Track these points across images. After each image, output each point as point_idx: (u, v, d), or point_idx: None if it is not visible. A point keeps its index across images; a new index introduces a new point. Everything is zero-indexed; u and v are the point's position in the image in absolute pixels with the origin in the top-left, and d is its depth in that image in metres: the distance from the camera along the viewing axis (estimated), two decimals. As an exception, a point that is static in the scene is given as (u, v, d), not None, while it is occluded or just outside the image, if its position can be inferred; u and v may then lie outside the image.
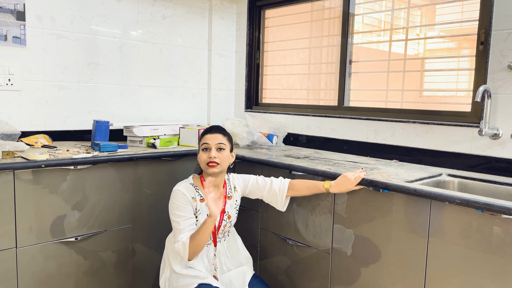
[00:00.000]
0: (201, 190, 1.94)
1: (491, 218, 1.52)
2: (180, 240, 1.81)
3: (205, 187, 1.77)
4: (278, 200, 2.05)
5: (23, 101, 2.47)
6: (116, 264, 2.31)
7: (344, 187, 1.87)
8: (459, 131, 2.18)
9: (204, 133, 1.98)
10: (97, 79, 2.74)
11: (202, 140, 1.95)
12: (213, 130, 1.97)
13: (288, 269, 2.24)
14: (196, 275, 1.87)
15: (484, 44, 2.09)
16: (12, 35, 2.38)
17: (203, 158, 1.92)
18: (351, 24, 2.73)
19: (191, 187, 1.93)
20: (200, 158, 1.94)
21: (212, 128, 1.98)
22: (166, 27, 3.04)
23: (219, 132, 1.96)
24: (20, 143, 2.05)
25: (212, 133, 1.95)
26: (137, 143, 2.60)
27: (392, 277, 1.80)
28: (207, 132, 1.96)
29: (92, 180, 2.16)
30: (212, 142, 1.92)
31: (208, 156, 1.90)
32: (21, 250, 1.97)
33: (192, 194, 1.91)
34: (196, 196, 1.92)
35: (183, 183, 1.94)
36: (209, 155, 1.91)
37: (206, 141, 1.93)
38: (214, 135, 1.94)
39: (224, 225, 1.99)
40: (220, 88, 3.37)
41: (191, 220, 1.87)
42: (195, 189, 1.93)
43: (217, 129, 1.98)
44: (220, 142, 1.93)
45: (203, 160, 1.92)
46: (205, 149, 1.93)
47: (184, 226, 1.84)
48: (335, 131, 2.75)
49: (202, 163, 1.93)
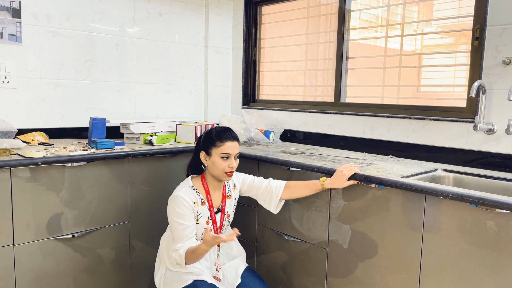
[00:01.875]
0: (202, 192, 1.93)
1: (485, 213, 1.53)
2: (177, 251, 1.81)
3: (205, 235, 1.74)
4: (273, 198, 2.04)
5: (20, 98, 2.47)
6: (114, 261, 2.31)
7: (339, 181, 1.88)
8: (454, 126, 2.19)
9: (221, 138, 1.88)
10: (93, 76, 2.74)
11: (222, 147, 1.86)
12: (232, 137, 1.90)
13: (285, 264, 2.25)
14: (191, 271, 1.88)
15: (479, 40, 2.10)
16: (8, 32, 2.38)
17: (222, 166, 1.86)
18: (347, 20, 2.73)
19: (192, 191, 1.90)
20: (217, 165, 1.87)
21: (229, 133, 1.90)
22: (163, 24, 3.04)
23: (237, 139, 1.92)
24: (16, 141, 2.05)
25: (232, 141, 1.88)
26: (134, 140, 2.60)
27: (388, 272, 1.81)
28: (226, 139, 1.87)
29: (89, 177, 2.17)
30: (233, 151, 1.88)
31: (229, 166, 1.87)
32: (18, 247, 1.98)
33: (194, 198, 1.89)
34: (197, 200, 1.90)
35: (184, 188, 1.90)
36: (229, 164, 1.87)
37: (227, 150, 1.86)
38: (234, 144, 1.89)
39: (224, 225, 2.01)
40: (217, 85, 3.37)
41: (191, 228, 1.86)
42: (196, 192, 1.90)
43: (235, 136, 1.91)
44: (239, 151, 1.92)
45: (221, 168, 1.87)
46: (225, 158, 1.87)
47: (184, 234, 1.83)
48: (331, 127, 2.76)
49: (219, 170, 1.87)
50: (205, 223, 1.92)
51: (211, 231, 1.72)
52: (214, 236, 1.71)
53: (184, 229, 1.83)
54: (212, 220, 1.94)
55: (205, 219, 1.92)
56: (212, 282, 1.87)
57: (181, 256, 1.80)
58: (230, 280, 1.97)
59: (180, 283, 1.86)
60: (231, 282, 1.96)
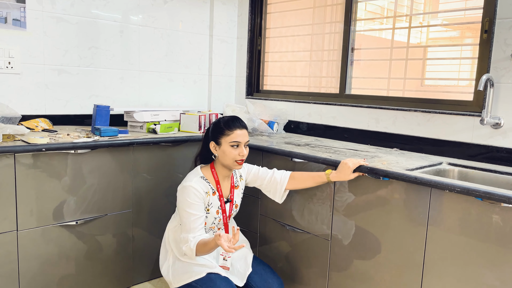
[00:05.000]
0: (212, 182, 1.92)
1: (490, 207, 1.52)
2: (188, 245, 1.79)
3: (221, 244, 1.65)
4: (278, 189, 2.04)
5: (23, 84, 2.46)
6: (117, 249, 2.32)
7: (343, 174, 1.87)
8: (460, 120, 2.18)
9: (230, 126, 1.87)
10: (97, 64, 2.73)
11: (232, 136, 1.86)
12: (241, 125, 1.89)
13: (288, 255, 2.26)
14: (203, 263, 1.85)
15: (488, 33, 2.07)
16: (12, 17, 2.36)
17: (233, 155, 1.85)
18: (354, 11, 2.71)
19: (203, 181, 1.89)
20: (228, 154, 1.86)
21: (237, 121, 1.89)
22: (167, 11, 3.01)
23: (245, 127, 1.91)
24: (20, 127, 2.04)
25: (241, 129, 1.88)
26: (137, 129, 2.59)
27: (391, 264, 1.81)
28: (235, 127, 1.87)
29: (92, 165, 2.16)
30: (242, 139, 1.87)
31: (239, 154, 1.86)
32: (22, 233, 1.98)
33: (205, 189, 1.88)
34: (209, 190, 1.89)
35: (194, 178, 1.88)
36: (239, 152, 1.86)
37: (237, 138, 1.86)
38: (243, 132, 1.88)
39: (232, 215, 2.02)
40: (221, 74, 3.35)
41: (202, 219, 1.85)
42: (206, 182, 1.90)
43: (243, 124, 1.91)
44: (248, 139, 1.91)
45: (232, 157, 1.86)
46: (235, 146, 1.86)
47: (195, 225, 1.82)
48: (336, 119, 2.74)
49: (230, 159, 1.86)
50: (215, 213, 1.92)
51: (221, 236, 1.66)
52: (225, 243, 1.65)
53: (195, 219, 1.82)
54: (222, 210, 1.94)
55: (215, 209, 1.92)
56: (226, 276, 1.85)
57: (192, 250, 1.78)
58: (241, 269, 1.96)
59: (193, 275, 1.83)
60: (242, 272, 1.95)
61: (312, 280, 2.14)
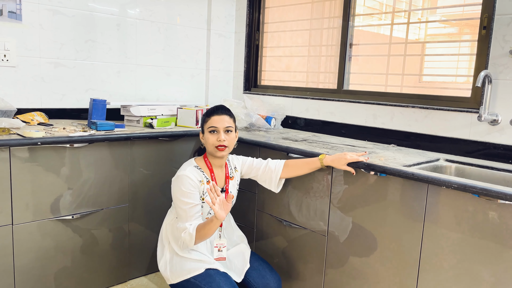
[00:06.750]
0: (206, 172, 1.92)
1: (487, 203, 1.52)
2: (187, 231, 1.78)
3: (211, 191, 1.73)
4: (273, 177, 2.03)
5: (19, 77, 2.44)
6: (113, 243, 2.31)
7: (337, 162, 1.88)
8: (458, 116, 2.17)
9: (209, 113, 1.90)
10: (94, 57, 2.71)
11: (209, 122, 1.88)
12: (220, 111, 1.90)
13: (284, 250, 2.26)
14: (201, 259, 1.85)
15: (487, 29, 2.07)
16: (7, 9, 2.34)
17: (211, 141, 1.87)
18: (352, 7, 2.69)
19: (197, 170, 1.89)
20: (208, 140, 1.88)
21: (218, 109, 1.91)
22: (165, 5, 2.99)
23: (226, 113, 1.90)
24: (16, 120, 2.03)
25: (219, 115, 1.88)
26: (134, 123, 2.58)
27: (387, 260, 1.81)
28: (213, 113, 1.89)
29: (88, 159, 2.15)
30: (220, 125, 1.87)
31: (217, 139, 1.86)
32: (17, 227, 1.97)
33: (199, 177, 1.88)
34: (203, 178, 1.89)
35: (188, 167, 1.89)
36: (217, 138, 1.86)
37: (213, 124, 1.87)
38: (221, 117, 1.88)
39: None
40: (218, 69, 3.33)
41: (198, 207, 1.84)
42: (200, 171, 1.90)
43: (223, 110, 1.91)
44: (228, 125, 1.89)
45: (211, 143, 1.87)
46: (213, 132, 1.87)
47: (192, 213, 1.82)
48: (333, 114, 2.74)
49: (210, 145, 1.87)
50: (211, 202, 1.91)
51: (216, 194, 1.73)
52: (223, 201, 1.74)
53: (191, 208, 1.81)
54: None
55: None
56: (224, 271, 1.85)
57: (191, 235, 1.76)
58: (239, 265, 1.96)
59: (191, 271, 1.82)
60: (240, 268, 1.95)
61: (308, 276, 2.14)
